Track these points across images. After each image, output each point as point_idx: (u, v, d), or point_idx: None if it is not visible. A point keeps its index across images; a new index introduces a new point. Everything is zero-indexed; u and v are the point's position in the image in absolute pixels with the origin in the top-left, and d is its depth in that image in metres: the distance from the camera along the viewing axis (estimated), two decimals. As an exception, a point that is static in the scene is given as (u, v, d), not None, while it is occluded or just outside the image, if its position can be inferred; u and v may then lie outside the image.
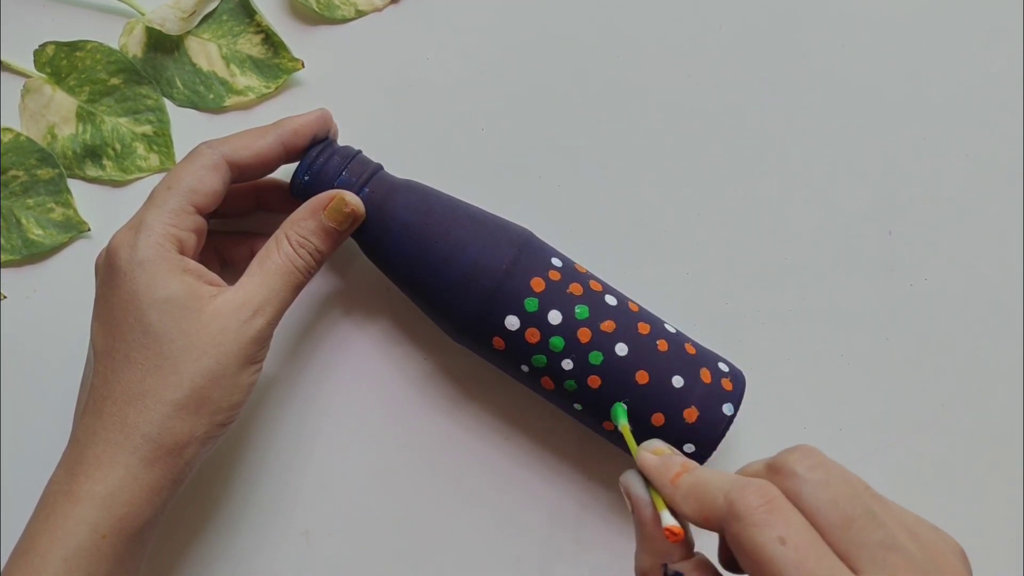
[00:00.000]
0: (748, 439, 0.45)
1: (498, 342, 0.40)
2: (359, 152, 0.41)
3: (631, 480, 0.31)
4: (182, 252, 0.37)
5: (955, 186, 0.47)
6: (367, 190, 0.40)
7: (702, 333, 0.45)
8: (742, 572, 0.29)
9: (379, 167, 0.41)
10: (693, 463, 0.30)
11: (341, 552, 0.44)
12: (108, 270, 0.37)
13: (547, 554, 0.45)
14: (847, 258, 0.46)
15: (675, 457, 0.31)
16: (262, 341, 0.37)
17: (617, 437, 0.40)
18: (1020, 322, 0.46)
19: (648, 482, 0.31)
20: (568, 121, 0.47)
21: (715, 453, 0.39)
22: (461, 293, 0.39)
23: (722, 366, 0.40)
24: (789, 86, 0.47)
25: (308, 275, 0.38)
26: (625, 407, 0.37)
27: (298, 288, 0.38)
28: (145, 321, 0.35)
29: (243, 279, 0.37)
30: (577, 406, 0.40)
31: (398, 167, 0.43)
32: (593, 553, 0.45)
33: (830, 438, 0.45)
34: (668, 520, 0.29)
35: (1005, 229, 0.47)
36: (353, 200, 0.39)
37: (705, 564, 0.29)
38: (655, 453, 0.31)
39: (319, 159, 0.40)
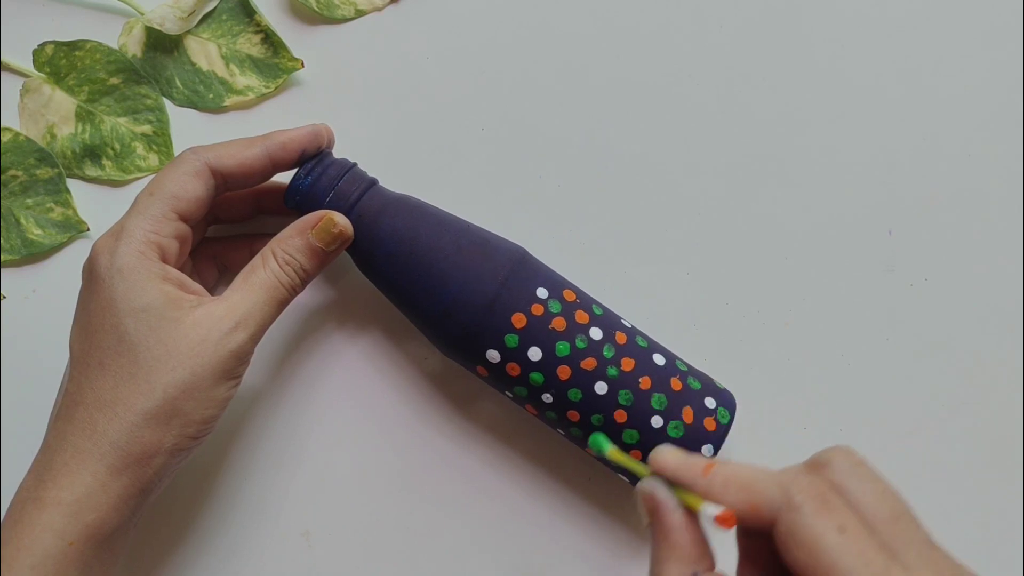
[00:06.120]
0: (749, 439, 0.45)
1: (481, 370, 0.40)
2: (354, 165, 0.40)
3: (654, 485, 0.29)
4: (164, 260, 0.37)
5: (955, 186, 0.47)
6: (357, 210, 0.39)
7: (702, 333, 0.45)
8: None
9: (373, 182, 0.41)
10: (717, 459, 0.29)
11: (341, 552, 0.44)
12: (89, 276, 0.36)
13: (548, 555, 0.45)
14: (847, 258, 0.46)
15: (694, 455, 0.29)
16: (242, 357, 0.36)
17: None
18: (1020, 322, 0.46)
19: (671, 487, 0.29)
20: (568, 121, 0.47)
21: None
22: (442, 326, 0.39)
23: (708, 402, 0.39)
24: (789, 86, 0.47)
25: (293, 292, 0.38)
26: (603, 437, 0.33)
27: (282, 305, 0.38)
28: (121, 329, 0.35)
29: (227, 292, 0.37)
30: (560, 431, 0.41)
31: (398, 167, 0.43)
32: (589, 556, 0.45)
33: (830, 438, 0.45)
34: (714, 510, 0.27)
35: (1005, 229, 0.47)
36: (342, 221, 0.38)
37: None
38: (673, 454, 0.29)
39: (313, 172, 0.40)
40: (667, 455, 0.29)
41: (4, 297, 0.45)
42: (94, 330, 0.35)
